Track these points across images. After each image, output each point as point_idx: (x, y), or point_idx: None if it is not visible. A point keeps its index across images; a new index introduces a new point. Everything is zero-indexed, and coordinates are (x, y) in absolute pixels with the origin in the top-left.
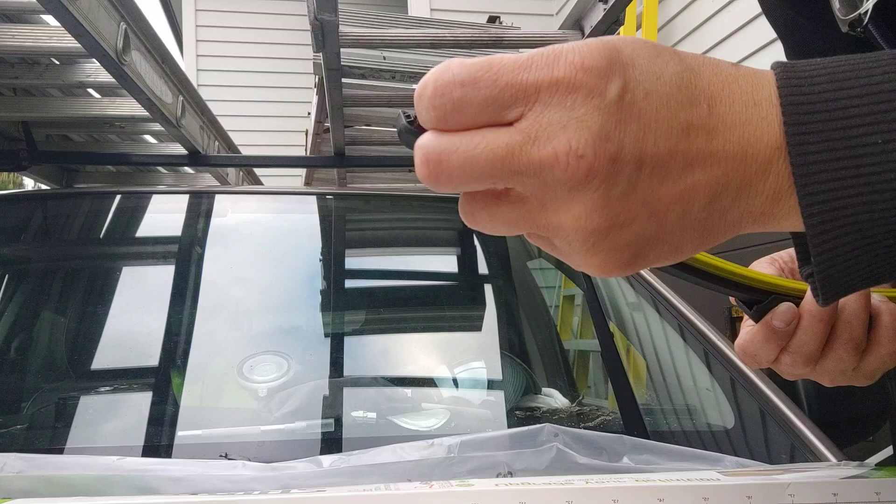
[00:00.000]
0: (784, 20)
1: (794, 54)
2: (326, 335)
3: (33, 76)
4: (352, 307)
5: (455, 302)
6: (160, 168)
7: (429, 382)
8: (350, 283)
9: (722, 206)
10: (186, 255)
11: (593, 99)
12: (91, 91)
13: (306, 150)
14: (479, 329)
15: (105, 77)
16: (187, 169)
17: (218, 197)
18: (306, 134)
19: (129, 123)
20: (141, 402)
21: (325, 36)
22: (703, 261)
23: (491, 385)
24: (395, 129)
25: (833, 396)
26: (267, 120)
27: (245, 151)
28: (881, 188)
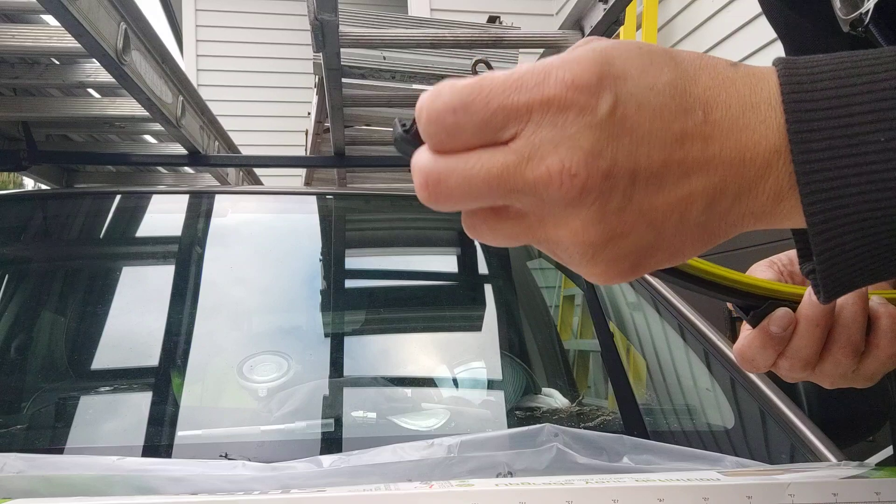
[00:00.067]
0: (784, 20)
1: (795, 54)
2: (326, 335)
3: (33, 76)
4: (352, 307)
5: (455, 302)
6: (160, 168)
7: (429, 382)
8: (350, 284)
9: (721, 210)
10: (186, 256)
11: (584, 116)
12: (91, 91)
13: (306, 150)
14: (479, 329)
15: (105, 77)
16: (187, 169)
17: (218, 197)
18: (306, 134)
19: (129, 123)
20: (141, 402)
21: (325, 36)
22: (699, 267)
23: (491, 385)
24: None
25: (833, 396)
26: (267, 120)
27: (245, 151)
28: (883, 186)
